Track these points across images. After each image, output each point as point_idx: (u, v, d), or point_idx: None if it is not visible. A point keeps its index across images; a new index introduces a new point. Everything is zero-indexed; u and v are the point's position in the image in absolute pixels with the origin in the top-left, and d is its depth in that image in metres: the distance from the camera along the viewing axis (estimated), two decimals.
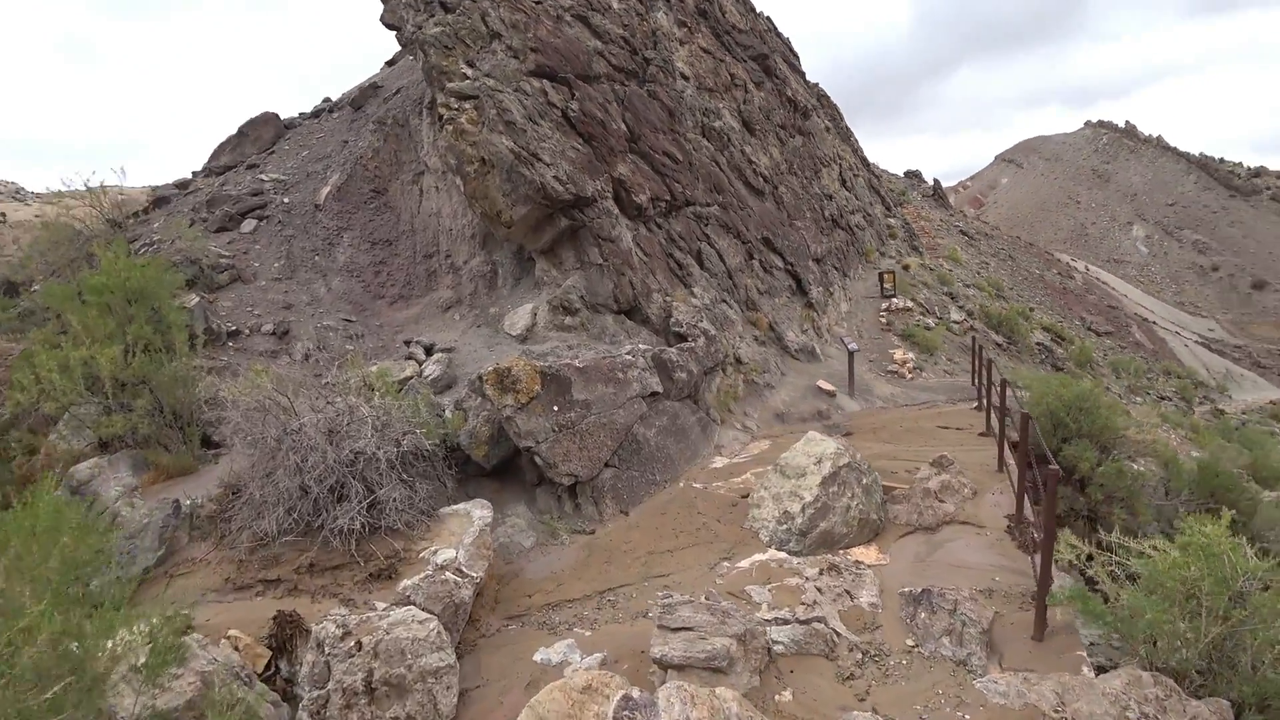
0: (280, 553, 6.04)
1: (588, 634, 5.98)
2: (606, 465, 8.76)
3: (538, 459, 7.92)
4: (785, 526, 7.81)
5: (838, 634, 5.98)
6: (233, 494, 6.68)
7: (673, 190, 15.84)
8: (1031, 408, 13.61)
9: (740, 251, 18.42)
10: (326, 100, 20.23)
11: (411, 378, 9.37)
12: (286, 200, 14.66)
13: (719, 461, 11.09)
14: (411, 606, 5.44)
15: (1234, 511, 12.67)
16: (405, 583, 5.66)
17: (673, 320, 13.20)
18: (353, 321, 12.03)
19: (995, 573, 7.28)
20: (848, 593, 6.75)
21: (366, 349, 11.34)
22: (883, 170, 51.64)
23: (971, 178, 72.11)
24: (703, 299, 15.01)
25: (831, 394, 14.82)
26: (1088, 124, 68.49)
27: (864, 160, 42.66)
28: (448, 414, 8.46)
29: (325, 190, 14.72)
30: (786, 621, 5.92)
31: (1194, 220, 54.51)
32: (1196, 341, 40.60)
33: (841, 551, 7.86)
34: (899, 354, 18.70)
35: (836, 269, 25.33)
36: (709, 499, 9.05)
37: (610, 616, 6.29)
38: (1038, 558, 7.63)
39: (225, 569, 6.07)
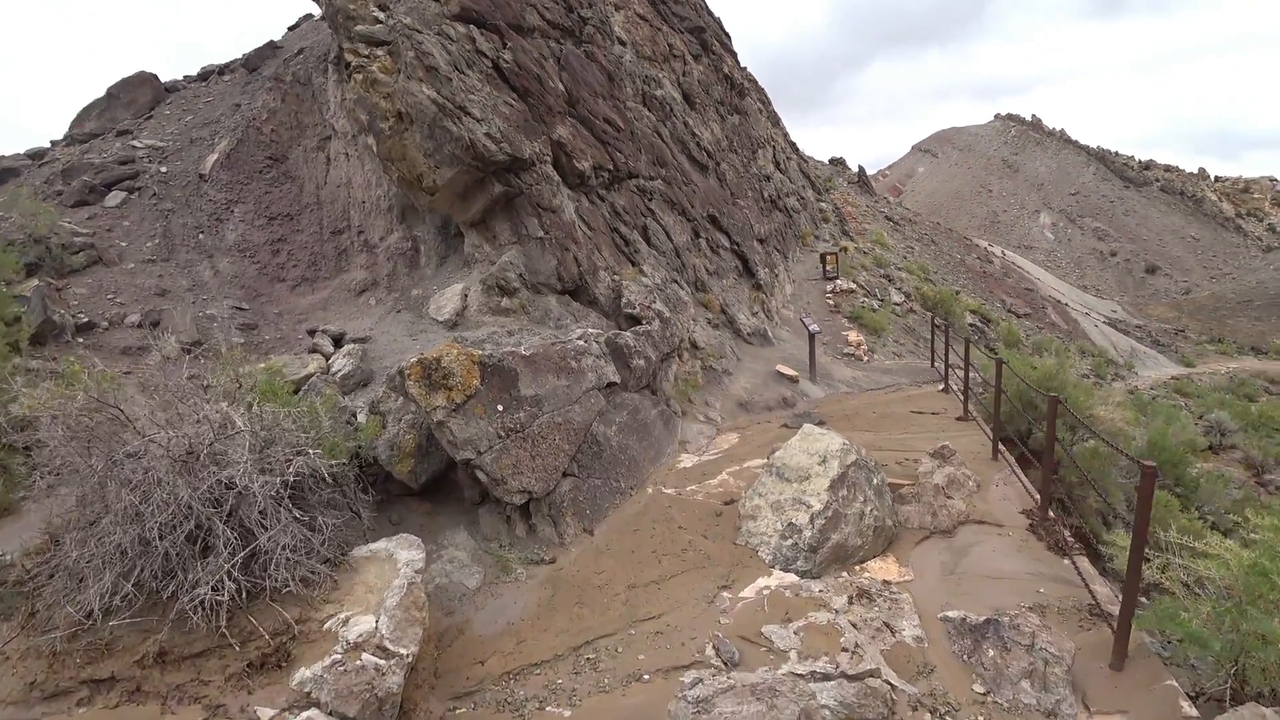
0: (115, 638, 4.06)
1: (568, 715, 4.32)
2: (564, 475, 7.05)
3: (481, 474, 6.14)
4: (791, 541, 6.32)
5: (892, 686, 4.52)
6: (55, 546, 4.65)
7: (615, 160, 14.13)
8: (1016, 394, 12.67)
9: (686, 230, 16.90)
10: (213, 66, 17.45)
11: (313, 375, 7.31)
12: (164, 170, 12.16)
13: (686, 460, 9.54)
14: (314, 710, 3.65)
15: (1178, 486, 11.76)
16: (303, 673, 3.83)
17: (624, 301, 11.53)
18: (245, 309, 9.83)
19: (1036, 582, 6.07)
20: (887, 625, 5.32)
21: (261, 341, 9.21)
22: (809, 156, 51.28)
23: (890, 167, 73.23)
24: (653, 278, 13.41)
25: (794, 379, 13.52)
26: (997, 117, 70.68)
27: (793, 145, 42.02)
28: (361, 419, 6.57)
29: (212, 158, 12.29)
30: (829, 677, 4.41)
31: (1094, 209, 56.77)
32: (1104, 322, 41.80)
33: (857, 567, 6.44)
34: (852, 335, 17.65)
35: (778, 250, 24.19)
36: (686, 508, 7.48)
37: (594, 683, 4.60)
38: (1080, 561, 6.49)
39: (32, 667, 4.06)
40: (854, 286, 24.06)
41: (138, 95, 15.21)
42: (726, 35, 33.28)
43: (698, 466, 9.19)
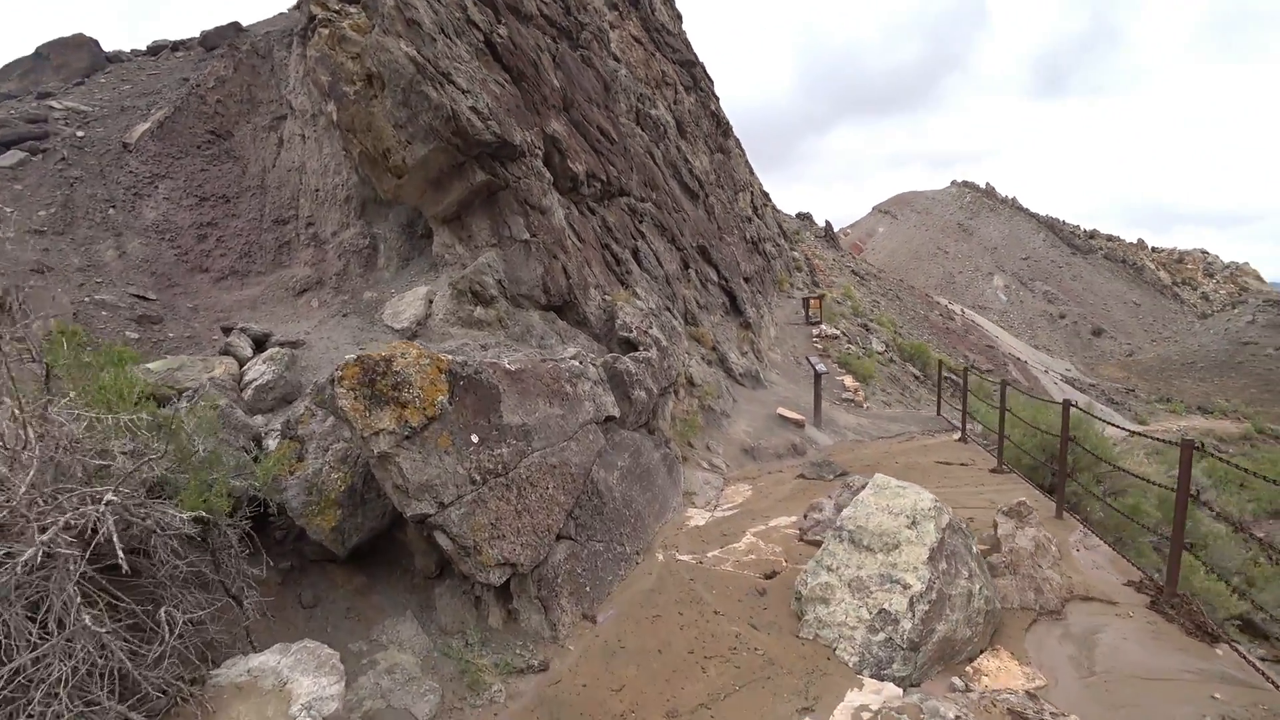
0: None
1: None
2: (559, 537, 4.94)
3: (443, 537, 4.01)
4: (883, 636, 4.30)
5: None
6: None
7: (608, 172, 12.34)
8: (1024, 440, 11.06)
9: (676, 258, 15.14)
10: (166, 41, 15.22)
11: (203, 385, 5.00)
12: (81, 134, 9.85)
13: (696, 516, 7.49)
14: None
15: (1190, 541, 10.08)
16: None
17: (619, 323, 9.57)
18: (150, 300, 7.56)
19: (1202, 684, 4.33)
20: None
21: (163, 340, 6.92)
22: (779, 209, 50.78)
23: (852, 225, 73.79)
24: (647, 302, 11.52)
25: (799, 423, 11.65)
26: (954, 183, 72.07)
27: (766, 194, 41.34)
28: (271, 445, 4.41)
29: (143, 127, 10.05)
30: None
31: (1044, 273, 57.55)
32: (1061, 380, 41.33)
33: (969, 668, 4.46)
34: (848, 381, 15.96)
35: (760, 293, 22.66)
36: (715, 583, 5.41)
37: None
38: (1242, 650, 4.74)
39: None
40: (838, 333, 22.63)
41: (71, 59, 12.85)
42: (709, 78, 32.35)
43: (714, 524, 7.13)
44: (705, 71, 29.10)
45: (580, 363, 6.89)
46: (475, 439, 4.47)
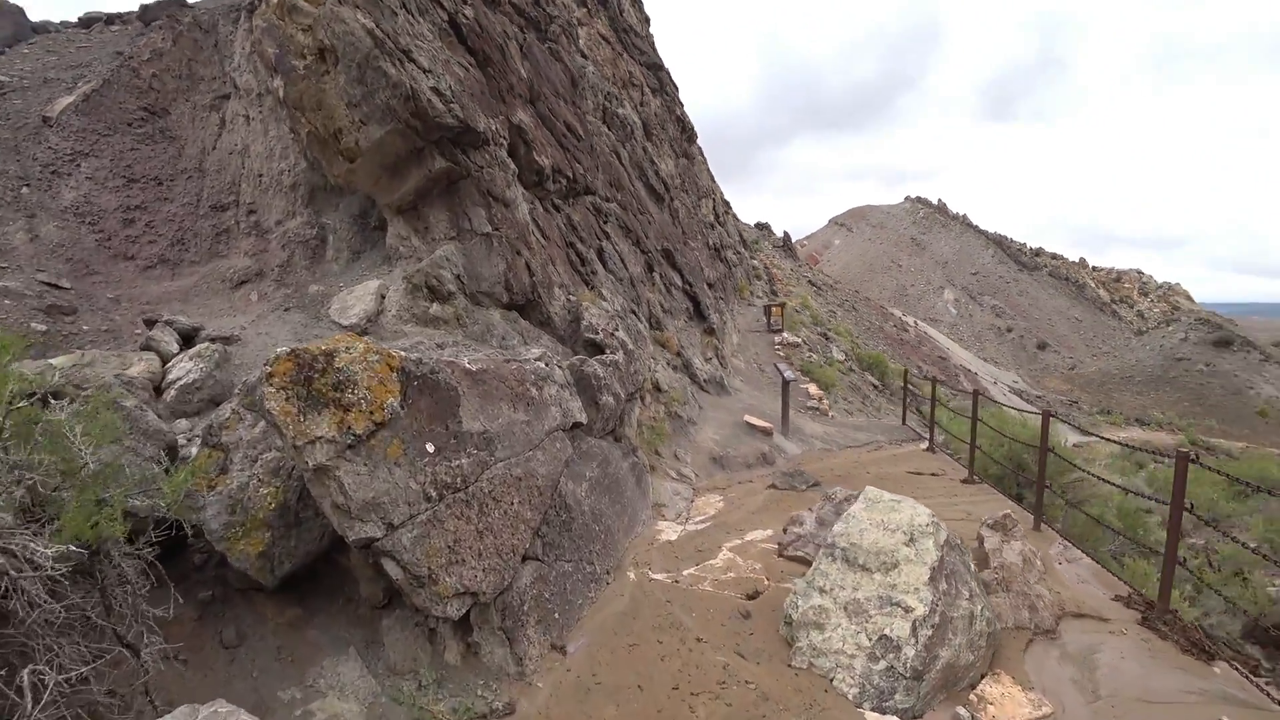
0: None
1: None
2: (525, 558, 4.40)
3: (393, 565, 3.43)
4: (884, 664, 3.89)
5: None
6: None
7: (574, 169, 11.84)
8: (992, 449, 10.97)
9: (640, 261, 14.71)
10: (100, 13, 14.10)
11: (106, 384, 4.27)
12: None
13: (668, 530, 7.01)
14: None
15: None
16: None
17: (584, 324, 9.06)
18: (65, 289, 6.71)
19: (1210, 706, 4.16)
20: None
21: (77, 332, 6.11)
22: (738, 218, 50.95)
23: (808, 237, 74.71)
24: (613, 304, 11.05)
25: (766, 432, 11.30)
26: (908, 199, 73.76)
27: (727, 202, 41.38)
28: (193, 454, 3.77)
29: (67, 100, 9.11)
30: None
31: (992, 288, 59.18)
32: (1010, 391, 42.24)
33: (972, 696, 4.08)
34: (812, 389, 15.74)
35: (722, 299, 22.43)
36: (695, 605, 4.94)
37: None
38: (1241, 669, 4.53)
39: None
40: (799, 341, 22.53)
41: None
42: (675, 84, 32.16)
43: (686, 539, 6.67)
44: (670, 76, 28.86)
45: (546, 364, 6.36)
46: (431, 448, 3.91)
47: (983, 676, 4.34)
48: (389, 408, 3.67)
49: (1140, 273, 58.73)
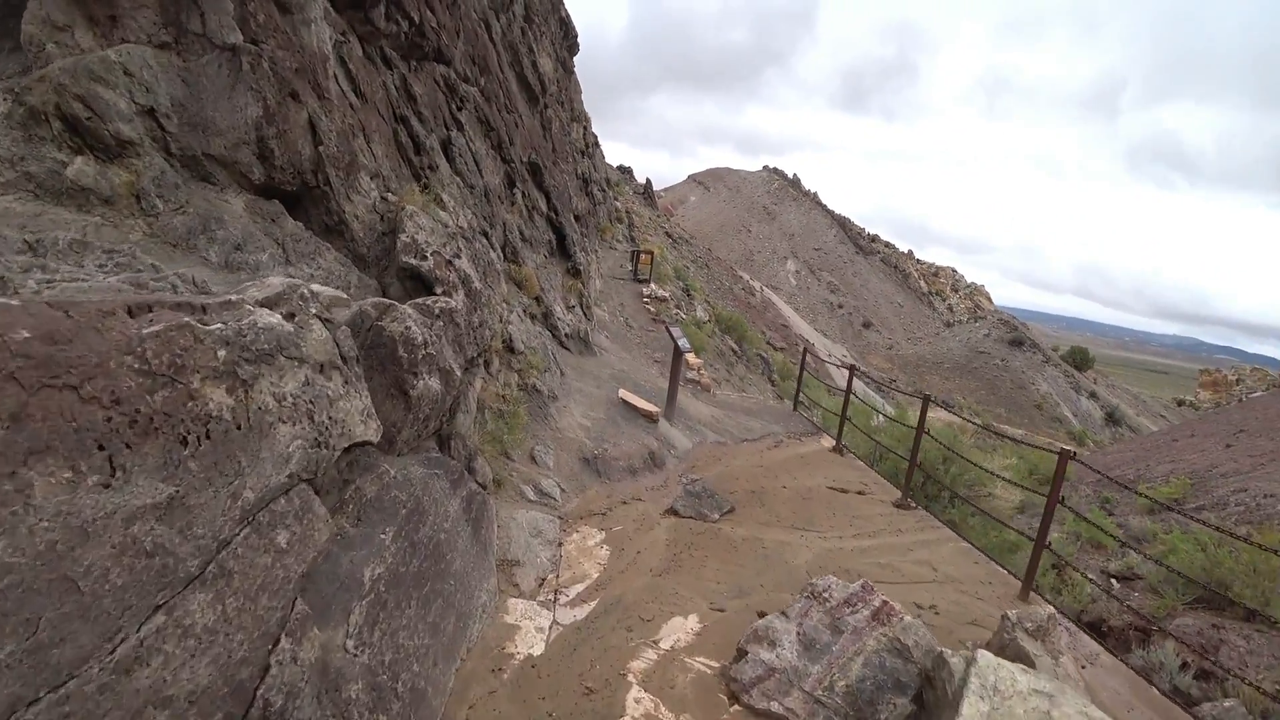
0: None
1: None
2: None
3: None
4: None
5: None
6: None
7: (424, 16, 7.81)
8: (899, 447, 9.00)
9: (500, 171, 10.95)
10: None
11: None
12: None
13: (525, 627, 3.73)
14: None
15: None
16: None
17: (403, 242, 5.36)
18: None
19: None
20: None
21: None
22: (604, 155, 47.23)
23: (666, 189, 72.31)
24: (457, 217, 7.35)
25: (650, 417, 8.30)
26: (765, 168, 73.57)
27: (596, 136, 37.54)
28: None
29: None
30: None
31: (830, 265, 60.86)
32: (841, 364, 43.23)
33: None
34: (691, 357, 13.03)
35: (588, 237, 19.00)
36: None
37: None
38: None
39: None
40: (666, 295, 19.81)
41: None
42: None
43: (560, 653, 3.47)
44: None
45: (291, 314, 2.74)
46: None
47: None
48: None
49: (955, 271, 63.65)
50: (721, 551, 5.38)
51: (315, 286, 3.34)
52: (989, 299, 58.68)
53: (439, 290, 5.23)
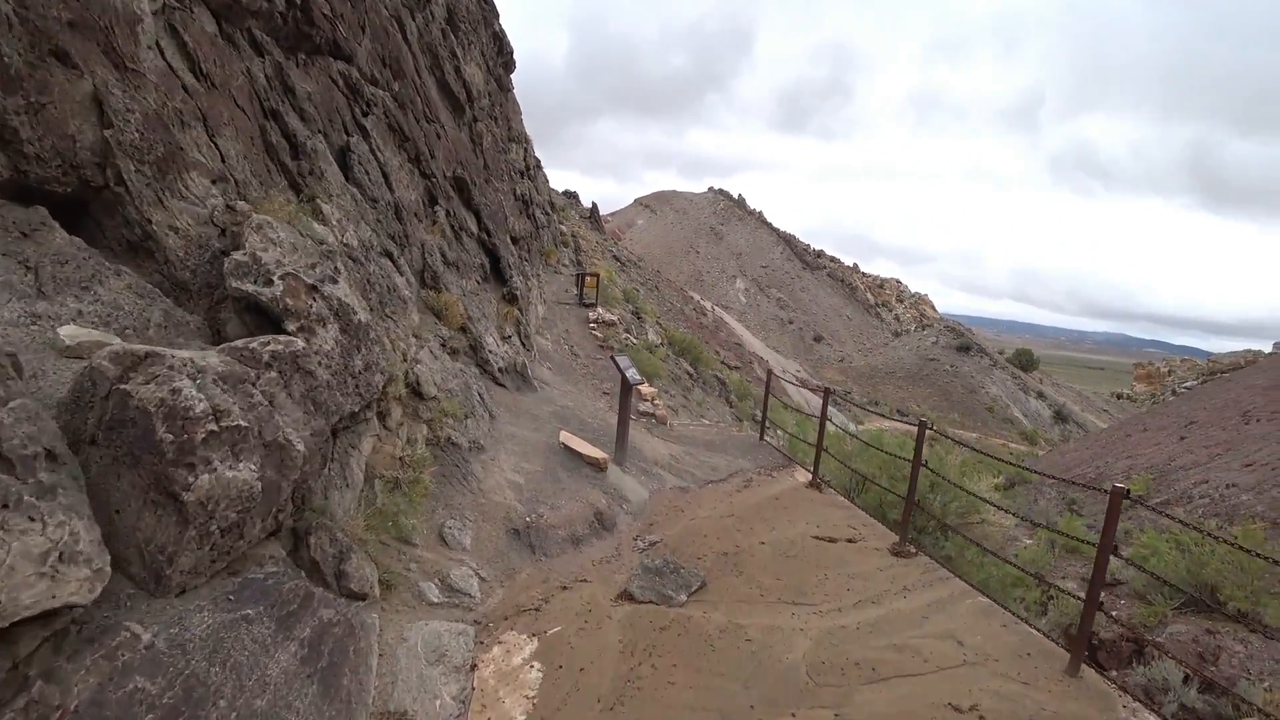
0: None
1: None
2: None
3: None
4: None
5: None
6: None
7: (312, 3, 6.41)
8: (882, 476, 7.85)
9: (419, 186, 9.54)
10: None
11: None
12: None
13: None
14: None
15: None
16: None
17: (235, 261, 3.84)
18: None
19: None
20: None
21: None
22: (547, 179, 46.12)
23: (613, 213, 71.37)
24: (341, 231, 5.84)
25: (597, 465, 6.86)
26: (711, 189, 73.43)
27: (539, 159, 36.35)
28: None
29: None
30: None
31: (779, 282, 60.70)
32: (796, 379, 42.76)
33: None
34: (645, 386, 11.68)
35: (528, 261, 17.57)
36: None
37: None
38: None
39: None
40: (614, 319, 18.50)
41: None
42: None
43: None
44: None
45: None
46: None
47: None
48: None
49: (899, 282, 64.43)
50: (694, 655, 3.98)
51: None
52: (933, 307, 59.47)
53: (291, 326, 3.75)
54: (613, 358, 7.76)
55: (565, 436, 7.36)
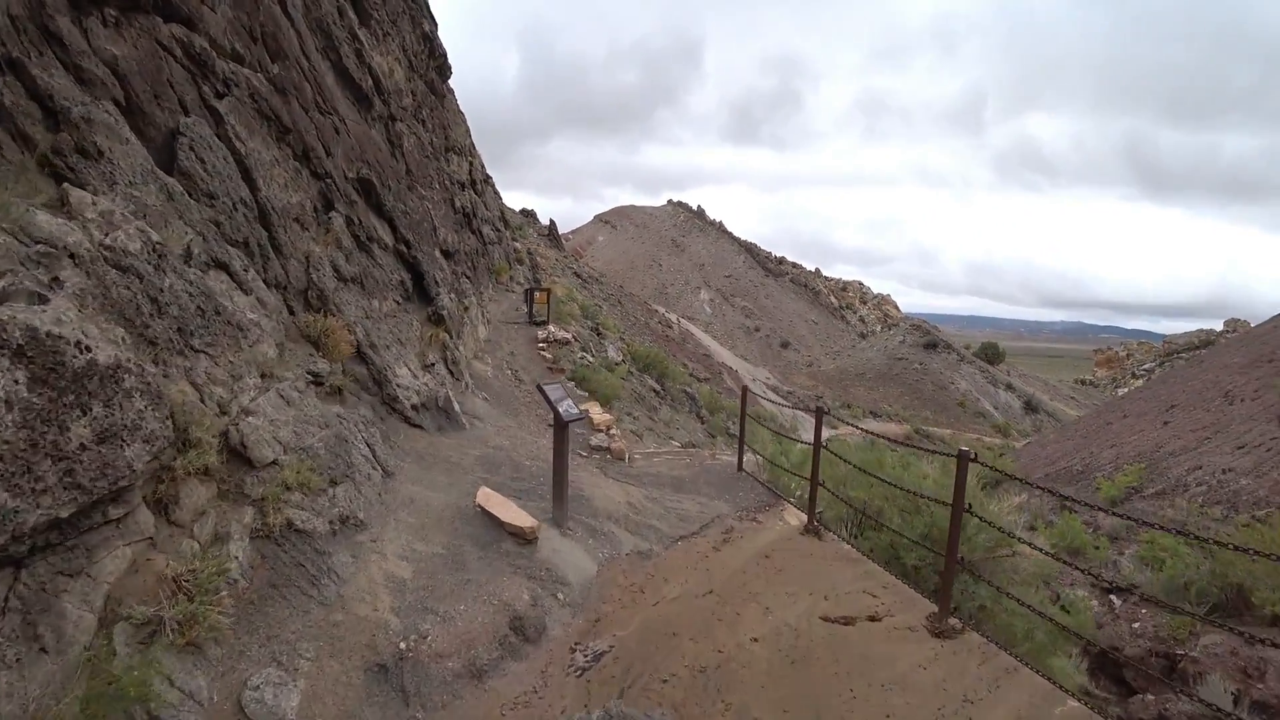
0: None
1: None
2: None
3: None
4: None
5: None
6: None
7: None
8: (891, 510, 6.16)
9: (309, 188, 7.64)
10: None
11: None
12: None
13: None
14: None
15: None
16: None
17: None
18: None
19: None
20: None
21: None
22: (502, 199, 44.30)
23: (573, 231, 69.70)
24: (108, 229, 3.90)
25: (523, 536, 5.00)
26: (670, 202, 72.32)
27: (490, 176, 34.48)
28: None
29: None
30: None
31: (743, 291, 59.58)
32: (767, 388, 41.20)
33: None
34: (596, 413, 9.81)
35: (468, 278, 15.59)
36: None
37: None
38: None
39: None
40: (569, 336, 16.61)
41: None
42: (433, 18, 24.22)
43: None
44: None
45: None
46: None
47: None
48: None
49: (861, 284, 63.96)
50: None
51: None
52: (896, 307, 58.95)
53: None
54: (539, 386, 5.91)
55: (484, 495, 5.49)
